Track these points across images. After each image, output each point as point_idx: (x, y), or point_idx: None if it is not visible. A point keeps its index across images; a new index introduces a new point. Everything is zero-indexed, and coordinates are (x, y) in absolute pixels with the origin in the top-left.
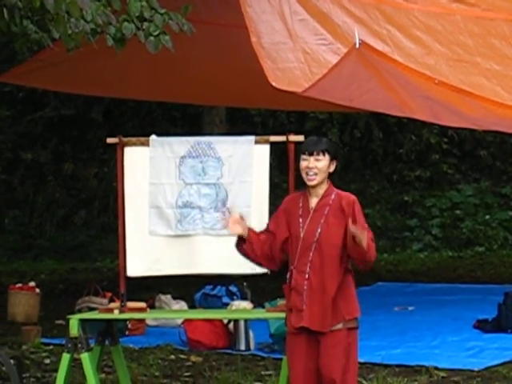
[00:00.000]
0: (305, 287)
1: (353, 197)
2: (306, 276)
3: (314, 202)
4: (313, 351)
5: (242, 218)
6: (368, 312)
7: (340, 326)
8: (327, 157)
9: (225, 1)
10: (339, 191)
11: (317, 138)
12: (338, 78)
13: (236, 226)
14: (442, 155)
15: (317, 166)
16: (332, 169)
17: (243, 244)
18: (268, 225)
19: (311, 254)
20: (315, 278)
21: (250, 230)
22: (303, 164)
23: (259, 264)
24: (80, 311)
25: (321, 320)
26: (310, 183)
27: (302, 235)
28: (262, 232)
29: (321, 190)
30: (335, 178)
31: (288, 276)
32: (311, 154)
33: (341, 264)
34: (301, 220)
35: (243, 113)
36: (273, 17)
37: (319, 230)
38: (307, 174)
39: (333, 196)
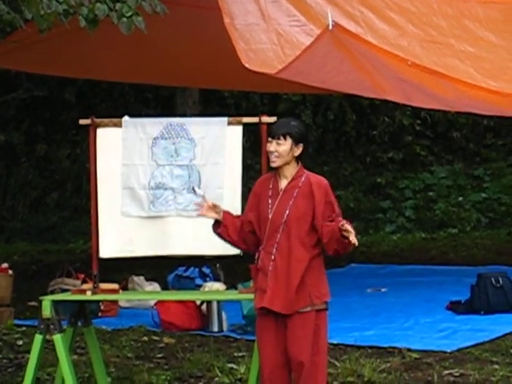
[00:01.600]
0: (270, 268)
1: (324, 181)
2: (272, 257)
3: (283, 183)
4: (281, 334)
5: (214, 205)
6: (341, 294)
7: (308, 308)
8: (289, 141)
9: None
10: (310, 174)
11: (283, 121)
12: (311, 60)
13: (210, 212)
14: (414, 137)
15: (277, 149)
16: (297, 152)
17: (218, 227)
18: (245, 211)
19: (278, 236)
20: (281, 260)
21: (226, 213)
22: (267, 147)
23: (237, 246)
24: (53, 293)
25: (283, 302)
26: (271, 165)
27: (270, 216)
28: (238, 216)
29: (288, 173)
30: (307, 160)
31: (256, 257)
32: (273, 138)
33: (309, 246)
34: (270, 201)
35: (216, 94)
36: None
37: (287, 212)
38: (270, 156)
39: (303, 178)
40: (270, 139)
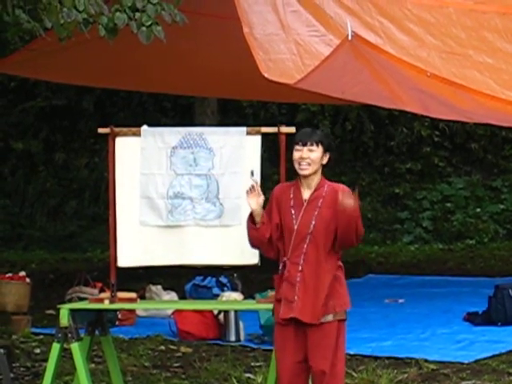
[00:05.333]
0: (298, 279)
1: (346, 188)
2: (300, 268)
3: (306, 193)
4: (301, 343)
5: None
6: (358, 304)
7: (330, 317)
8: (320, 148)
9: None
10: (331, 183)
11: (311, 130)
12: (330, 70)
13: (255, 200)
14: (433, 148)
15: (310, 156)
16: (325, 161)
17: (255, 223)
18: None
19: (305, 246)
20: (309, 271)
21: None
22: (296, 154)
23: (260, 248)
24: (70, 301)
25: (312, 312)
26: (302, 173)
27: (295, 227)
28: None
29: (313, 182)
30: (326, 170)
31: (280, 267)
32: (305, 145)
33: (335, 256)
34: (293, 211)
35: (235, 104)
36: (265, 8)
37: (313, 222)
38: (300, 164)
39: (326, 188)
40: (298, 147)
